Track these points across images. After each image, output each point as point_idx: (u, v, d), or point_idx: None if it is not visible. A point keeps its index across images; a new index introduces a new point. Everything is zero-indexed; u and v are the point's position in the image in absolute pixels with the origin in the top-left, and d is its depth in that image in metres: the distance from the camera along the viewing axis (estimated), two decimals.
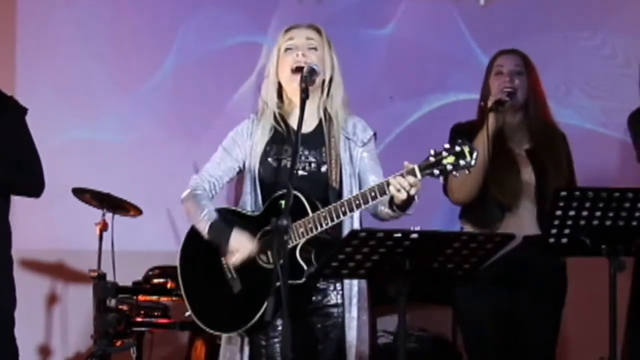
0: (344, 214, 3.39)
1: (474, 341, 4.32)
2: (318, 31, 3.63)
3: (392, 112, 5.94)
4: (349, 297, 3.55)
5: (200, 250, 3.57)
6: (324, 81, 3.61)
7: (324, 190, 3.53)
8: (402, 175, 3.30)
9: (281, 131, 3.60)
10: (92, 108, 5.99)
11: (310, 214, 3.42)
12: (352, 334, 3.54)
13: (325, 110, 3.62)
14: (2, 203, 4.52)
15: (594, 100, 5.90)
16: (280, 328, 3.44)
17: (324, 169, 3.57)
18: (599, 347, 3.89)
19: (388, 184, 3.33)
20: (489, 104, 4.16)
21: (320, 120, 3.62)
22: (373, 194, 3.36)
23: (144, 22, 6.04)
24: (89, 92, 5.97)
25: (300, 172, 3.55)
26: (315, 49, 3.59)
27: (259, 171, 3.58)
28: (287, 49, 3.59)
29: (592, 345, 5.32)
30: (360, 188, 3.56)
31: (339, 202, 3.41)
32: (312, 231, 3.41)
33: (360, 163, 3.61)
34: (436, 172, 3.29)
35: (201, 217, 3.55)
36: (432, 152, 3.30)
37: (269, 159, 3.58)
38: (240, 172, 3.69)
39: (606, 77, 5.91)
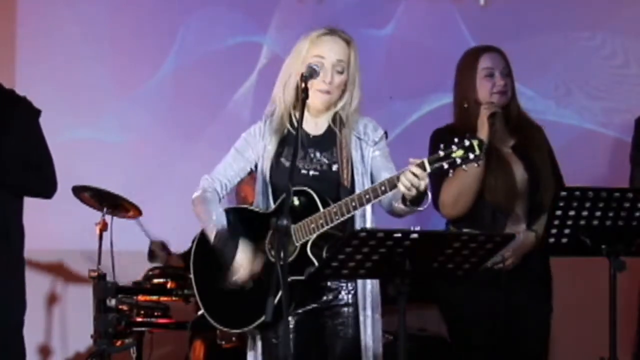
0: (354, 208, 3.40)
1: (463, 342, 4.27)
2: (348, 44, 3.57)
3: (392, 112, 5.94)
4: (362, 295, 3.56)
5: (212, 247, 3.58)
6: (343, 91, 3.60)
7: (336, 189, 3.55)
8: (410, 170, 3.32)
9: (294, 133, 3.60)
10: (92, 108, 5.98)
11: (322, 210, 3.44)
12: (367, 332, 3.55)
13: (336, 113, 3.63)
14: (16, 203, 4.53)
15: (594, 100, 5.90)
16: (292, 326, 3.48)
17: (335, 168, 3.58)
18: (599, 347, 3.89)
19: (398, 178, 3.34)
20: (484, 116, 4.08)
21: (332, 122, 3.63)
22: (383, 188, 3.37)
23: (144, 22, 6.03)
24: (89, 92, 5.97)
25: (312, 172, 3.57)
26: (341, 72, 3.56)
27: (270, 172, 3.60)
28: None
29: (592, 345, 5.32)
30: None
31: (349, 197, 3.42)
32: (322, 227, 3.42)
33: (372, 162, 3.62)
34: (445, 165, 3.30)
35: (209, 223, 3.56)
36: (441, 146, 3.32)
37: (282, 159, 3.59)
38: (252, 173, 3.71)
39: (606, 77, 5.91)
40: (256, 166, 3.67)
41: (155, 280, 5.34)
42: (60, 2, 6.06)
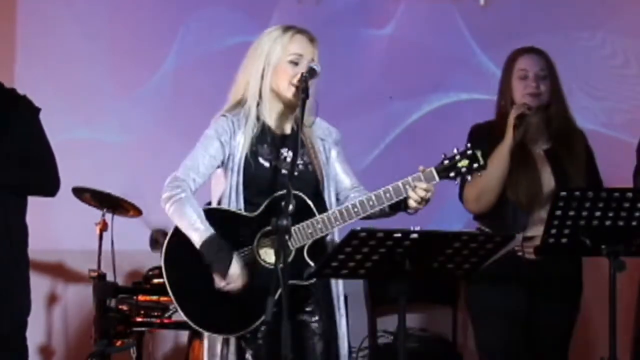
0: (357, 214, 3.43)
1: (488, 341, 4.27)
2: (314, 43, 3.59)
3: (392, 112, 5.94)
4: (336, 295, 3.58)
5: (190, 250, 3.47)
6: None
7: (314, 189, 3.54)
8: (419, 179, 3.40)
9: (265, 131, 3.58)
10: (92, 108, 5.98)
11: (317, 215, 3.44)
12: (342, 331, 3.58)
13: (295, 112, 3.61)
14: (19, 203, 4.52)
15: (594, 100, 5.90)
16: (263, 328, 3.44)
17: (310, 168, 3.58)
18: (599, 347, 3.89)
19: (404, 187, 3.40)
20: (512, 117, 4.12)
21: (295, 123, 3.60)
22: (388, 195, 3.42)
23: (144, 22, 6.03)
24: (89, 92, 5.97)
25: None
26: None
27: (245, 171, 3.53)
28: (291, 62, 3.54)
29: (592, 345, 5.32)
30: (335, 189, 3.63)
31: (350, 204, 3.44)
32: (321, 231, 3.42)
33: (335, 164, 3.65)
34: (452, 174, 3.42)
35: (192, 227, 3.45)
36: (444, 155, 3.41)
37: (260, 159, 3.55)
38: (219, 168, 3.59)
39: (606, 77, 5.91)
40: (222, 163, 3.57)
41: (155, 280, 5.33)
42: (60, 2, 6.06)
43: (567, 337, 4.28)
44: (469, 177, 3.44)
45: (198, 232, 3.45)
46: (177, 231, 3.52)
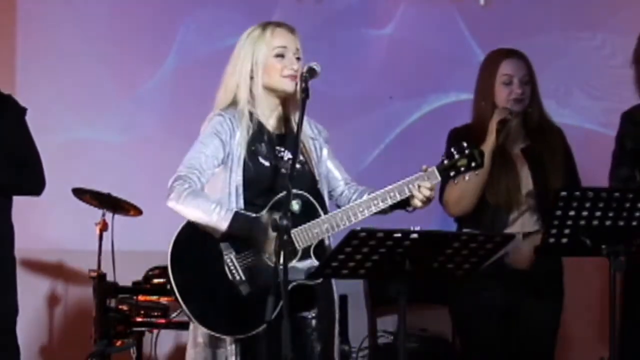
0: (362, 214, 3.45)
1: (470, 340, 4.30)
2: (295, 34, 3.61)
3: (392, 112, 5.94)
4: (335, 296, 3.59)
5: (196, 252, 3.46)
6: None
7: (312, 188, 3.54)
8: (422, 179, 3.45)
9: (261, 130, 3.58)
10: (92, 108, 5.98)
11: (323, 215, 3.44)
12: (337, 332, 3.59)
13: (288, 111, 3.62)
14: (4, 203, 4.52)
15: (594, 100, 5.91)
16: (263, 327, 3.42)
17: (307, 168, 3.58)
18: (599, 347, 3.89)
19: (408, 186, 3.44)
20: (494, 122, 4.11)
21: (288, 123, 3.61)
22: (392, 194, 3.45)
23: (144, 22, 6.03)
24: (89, 92, 5.97)
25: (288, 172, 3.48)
26: (299, 59, 3.58)
27: (244, 170, 3.51)
28: (277, 55, 3.56)
29: (592, 345, 5.32)
30: (328, 186, 3.64)
31: (356, 203, 3.47)
32: (327, 231, 3.44)
33: (327, 162, 3.66)
34: (452, 173, 3.49)
35: (213, 211, 3.40)
36: (444, 155, 3.48)
37: (260, 158, 3.54)
38: (217, 167, 3.56)
39: (606, 77, 5.91)
40: (222, 161, 3.54)
41: (155, 280, 5.34)
42: (60, 2, 6.06)
43: (553, 334, 4.28)
44: (467, 176, 3.51)
45: (220, 215, 3.39)
46: (183, 231, 3.50)
